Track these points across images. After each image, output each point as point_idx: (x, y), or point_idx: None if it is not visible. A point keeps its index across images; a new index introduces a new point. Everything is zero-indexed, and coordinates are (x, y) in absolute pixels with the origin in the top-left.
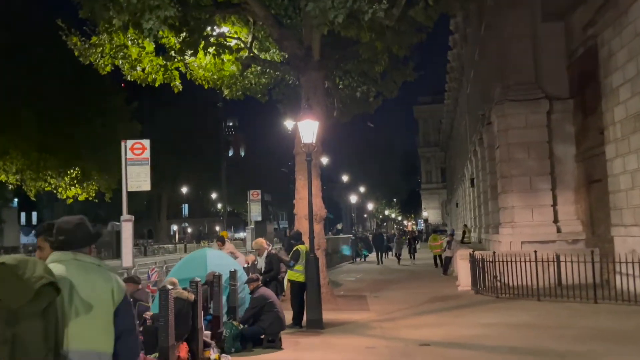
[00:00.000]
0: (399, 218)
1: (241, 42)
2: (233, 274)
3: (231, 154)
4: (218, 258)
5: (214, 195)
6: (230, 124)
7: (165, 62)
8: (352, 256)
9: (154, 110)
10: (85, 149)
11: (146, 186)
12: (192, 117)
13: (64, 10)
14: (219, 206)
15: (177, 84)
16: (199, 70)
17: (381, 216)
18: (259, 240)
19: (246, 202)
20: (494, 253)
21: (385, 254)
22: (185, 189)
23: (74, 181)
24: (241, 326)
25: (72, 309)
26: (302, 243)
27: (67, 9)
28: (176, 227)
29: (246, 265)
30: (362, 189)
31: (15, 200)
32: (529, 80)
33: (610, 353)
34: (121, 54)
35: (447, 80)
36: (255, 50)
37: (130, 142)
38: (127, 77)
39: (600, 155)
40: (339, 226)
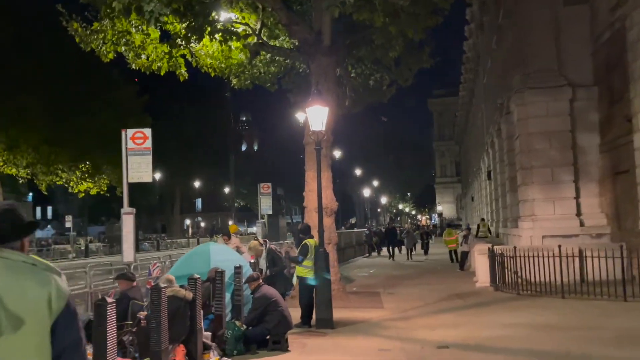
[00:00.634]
0: (413, 212)
1: (249, 28)
2: (238, 269)
3: (244, 148)
4: (222, 253)
5: (226, 190)
6: (243, 118)
7: (170, 49)
8: (367, 251)
9: (165, 104)
10: (96, 143)
11: (147, 177)
12: (204, 111)
13: None
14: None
15: (183, 72)
16: (205, 58)
17: (395, 210)
18: (253, 242)
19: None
20: (514, 248)
21: (398, 248)
22: (198, 183)
23: (85, 175)
24: (244, 327)
25: None
26: (312, 237)
27: None
28: (189, 222)
29: (252, 261)
30: (375, 183)
31: (30, 194)
32: (550, 67)
33: None
34: (124, 40)
35: (462, 71)
36: (264, 37)
37: (131, 131)
38: (132, 65)
39: (627, 145)
40: (352, 220)
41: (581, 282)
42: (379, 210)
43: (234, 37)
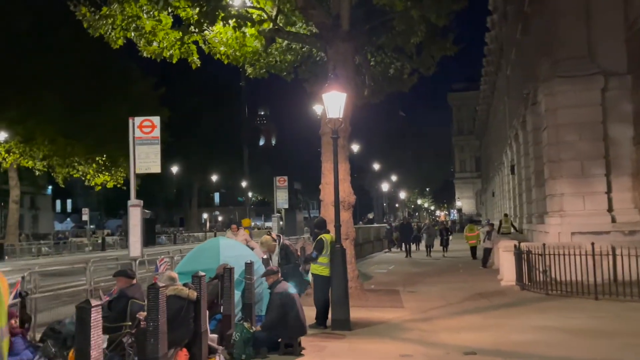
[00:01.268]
0: (432, 208)
1: (264, 14)
2: (249, 266)
3: (262, 142)
4: (232, 248)
5: (244, 184)
6: (261, 112)
7: (182, 35)
8: (387, 246)
9: (183, 97)
10: (112, 136)
11: (156, 168)
12: (222, 104)
13: None
14: (249, 194)
15: (195, 59)
16: (219, 45)
17: (413, 206)
18: (265, 237)
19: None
20: (543, 245)
21: (416, 245)
22: (215, 177)
23: (102, 168)
24: (253, 328)
25: None
26: (327, 232)
27: None
28: (207, 215)
29: (265, 257)
30: (393, 178)
31: (50, 187)
32: (580, 54)
33: None
34: (133, 25)
35: (483, 64)
36: (280, 24)
37: (138, 119)
38: (143, 53)
39: None
40: (370, 215)
41: (613, 282)
42: (397, 205)
43: (248, 23)
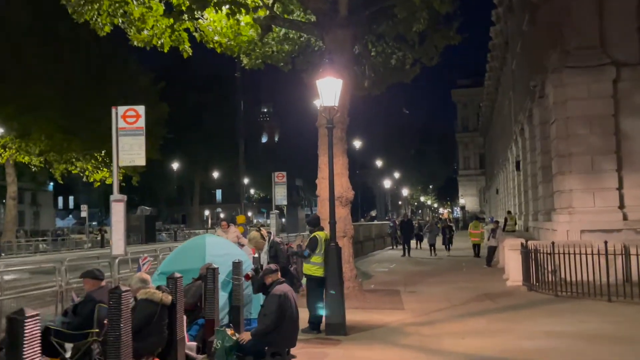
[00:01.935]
0: (435, 205)
1: (260, 0)
2: (237, 265)
3: (265, 139)
4: (220, 247)
5: (246, 181)
6: (264, 110)
7: (172, 21)
8: (392, 244)
9: (183, 93)
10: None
11: (140, 160)
12: (223, 100)
13: None
14: (251, 191)
15: (187, 48)
16: (212, 34)
17: (416, 203)
18: (253, 233)
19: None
20: (552, 243)
21: (417, 243)
22: (217, 174)
23: (101, 164)
24: (237, 335)
25: None
26: (322, 229)
27: None
28: (208, 212)
29: (255, 255)
30: (396, 175)
31: (51, 184)
32: (591, 44)
33: None
34: (121, 11)
35: (488, 59)
36: (277, 12)
37: (122, 109)
38: (133, 42)
39: None
40: (373, 213)
41: (626, 282)
42: (400, 202)
43: (242, 10)
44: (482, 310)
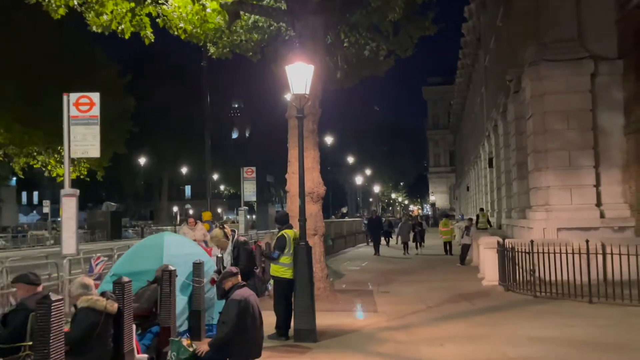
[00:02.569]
0: (406, 202)
1: None
2: (198, 266)
3: (235, 135)
4: (179, 246)
5: (216, 177)
6: (235, 105)
7: (133, 5)
8: (365, 240)
9: (150, 86)
10: None
11: (95, 152)
12: (192, 95)
13: None
14: (221, 187)
15: (149, 34)
16: (176, 20)
17: (387, 200)
18: (216, 231)
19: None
20: (531, 242)
21: (386, 240)
22: (185, 170)
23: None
24: (194, 345)
25: None
26: (290, 227)
27: None
28: (177, 209)
29: (220, 255)
30: (368, 172)
31: (14, 179)
32: (570, 37)
33: None
34: None
35: (460, 56)
36: None
37: (74, 96)
38: (92, 27)
39: None
40: (344, 210)
41: (603, 281)
42: (370, 199)
43: None
44: (459, 312)
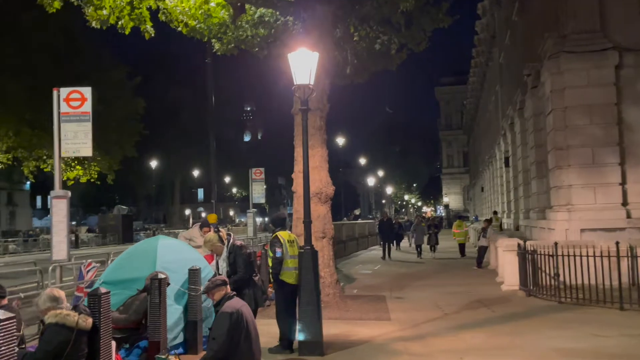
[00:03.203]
0: (419, 204)
1: None
2: (194, 273)
3: (248, 138)
4: (174, 251)
5: (228, 179)
6: (247, 108)
7: None
8: (379, 243)
9: (161, 88)
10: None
11: (86, 151)
12: (204, 97)
13: None
14: (233, 190)
15: (148, 28)
16: (179, 15)
17: (399, 202)
18: (209, 235)
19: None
20: (555, 244)
21: (397, 244)
22: (197, 172)
23: (75, 162)
24: None
25: None
26: (284, 229)
27: None
28: (189, 212)
29: (222, 260)
30: (380, 173)
31: (28, 183)
32: (591, 27)
33: None
34: None
35: (473, 55)
36: None
37: (65, 91)
38: (91, 22)
39: None
40: (357, 212)
41: (631, 286)
42: (383, 201)
43: None
44: (479, 320)
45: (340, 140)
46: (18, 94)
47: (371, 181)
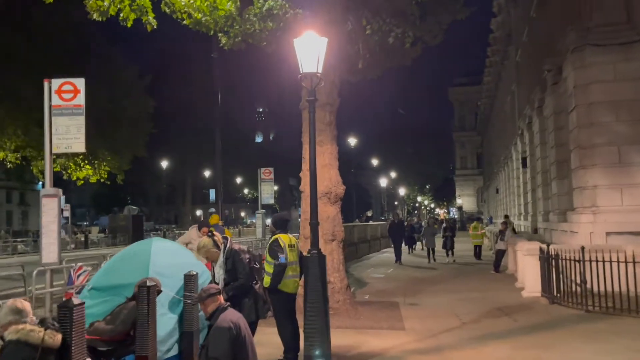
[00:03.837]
0: (432, 205)
1: None
2: (190, 279)
3: (260, 139)
4: (169, 255)
5: (239, 180)
6: (260, 109)
7: None
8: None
9: (172, 87)
10: (94, 126)
11: (79, 146)
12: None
13: None
14: (245, 191)
15: (150, 20)
16: (183, 7)
17: (412, 203)
18: (204, 240)
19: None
20: (582, 248)
21: (409, 247)
22: (208, 173)
23: (85, 162)
24: None
25: None
26: (286, 231)
27: None
28: (200, 212)
29: (218, 267)
30: (392, 174)
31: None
32: (617, 19)
33: None
34: None
35: (488, 54)
36: None
37: (57, 82)
38: (92, 15)
39: None
40: (369, 213)
41: None
42: (396, 203)
43: None
44: (500, 330)
45: (352, 141)
46: (26, 91)
47: (383, 182)
